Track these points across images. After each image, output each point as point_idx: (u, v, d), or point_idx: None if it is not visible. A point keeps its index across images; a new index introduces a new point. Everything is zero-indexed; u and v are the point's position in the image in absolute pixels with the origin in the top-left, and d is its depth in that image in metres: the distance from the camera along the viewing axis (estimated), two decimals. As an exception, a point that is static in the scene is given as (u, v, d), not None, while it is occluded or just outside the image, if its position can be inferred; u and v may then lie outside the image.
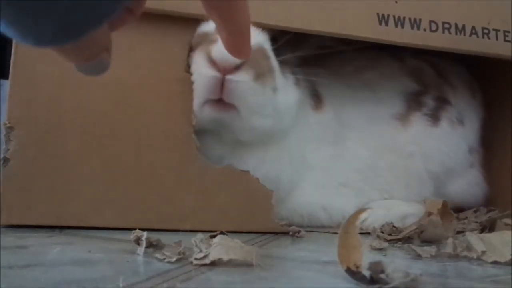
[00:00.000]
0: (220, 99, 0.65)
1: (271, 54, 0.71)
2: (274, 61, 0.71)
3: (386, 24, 0.73)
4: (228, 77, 0.63)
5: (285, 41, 0.74)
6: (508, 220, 0.72)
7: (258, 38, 0.69)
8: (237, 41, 0.46)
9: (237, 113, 0.66)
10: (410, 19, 0.74)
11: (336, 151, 0.84)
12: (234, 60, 0.63)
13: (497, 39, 0.78)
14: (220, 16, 0.42)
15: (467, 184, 0.92)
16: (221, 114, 0.66)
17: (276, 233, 0.69)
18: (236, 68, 0.64)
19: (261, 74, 0.67)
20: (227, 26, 0.44)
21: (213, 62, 0.64)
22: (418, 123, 0.89)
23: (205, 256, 0.48)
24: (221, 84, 0.64)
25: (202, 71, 0.65)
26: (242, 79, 0.64)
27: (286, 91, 0.73)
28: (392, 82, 0.91)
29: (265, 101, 0.68)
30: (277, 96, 0.70)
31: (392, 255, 0.60)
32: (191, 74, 0.67)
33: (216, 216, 0.67)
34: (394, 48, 0.78)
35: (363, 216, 0.75)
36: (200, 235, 0.52)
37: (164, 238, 0.54)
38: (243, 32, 0.44)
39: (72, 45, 0.33)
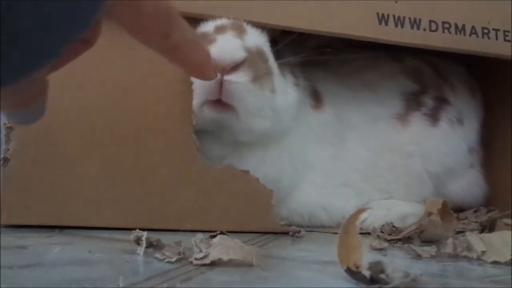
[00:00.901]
0: (219, 100, 0.65)
1: (270, 56, 0.71)
2: (273, 63, 0.71)
3: (386, 24, 0.73)
4: (226, 78, 0.63)
5: (285, 40, 0.74)
6: (508, 220, 0.72)
7: (257, 39, 0.69)
8: (197, 74, 0.49)
9: (235, 114, 0.66)
10: (410, 19, 0.74)
11: (336, 150, 0.84)
12: (231, 60, 0.63)
13: (497, 39, 0.78)
14: (172, 59, 0.44)
15: (467, 184, 0.92)
16: (219, 115, 0.66)
17: (276, 233, 0.69)
18: (234, 68, 0.64)
19: (259, 76, 0.67)
20: (183, 65, 0.46)
21: None
22: (418, 123, 0.89)
23: (205, 256, 0.48)
24: (220, 85, 0.64)
25: None
26: (240, 80, 0.64)
27: (285, 92, 0.73)
28: (392, 82, 0.91)
29: (263, 103, 0.68)
30: (275, 97, 0.70)
31: (392, 255, 0.60)
32: (190, 74, 0.67)
33: (216, 216, 0.67)
34: (394, 48, 0.78)
35: (363, 216, 0.75)
36: (200, 235, 0.52)
37: (164, 238, 0.54)
38: (200, 66, 0.46)
39: (5, 90, 0.29)
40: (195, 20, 0.68)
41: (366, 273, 0.42)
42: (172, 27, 0.39)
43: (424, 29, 0.75)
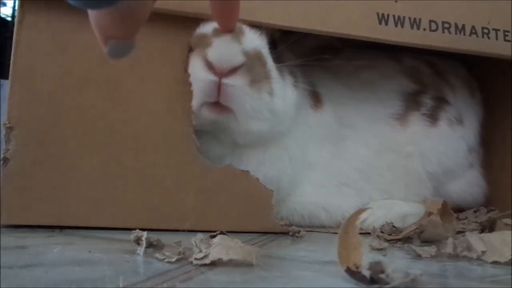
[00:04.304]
0: (217, 102, 0.65)
1: (268, 58, 0.71)
2: (271, 66, 0.71)
3: (386, 23, 0.73)
4: (224, 80, 0.63)
5: (284, 42, 0.74)
6: (508, 220, 0.72)
7: (256, 42, 0.69)
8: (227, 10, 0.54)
9: (233, 116, 0.66)
10: (410, 18, 0.74)
11: (336, 150, 0.84)
12: (230, 63, 0.63)
13: (497, 39, 0.78)
14: None
15: (467, 184, 0.92)
16: (218, 117, 0.66)
17: (276, 233, 0.69)
18: (232, 71, 0.64)
19: (257, 80, 0.66)
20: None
21: (209, 65, 0.63)
22: (416, 123, 0.89)
23: (205, 256, 0.48)
24: (218, 87, 0.64)
25: (198, 74, 0.65)
26: (238, 83, 0.64)
27: (283, 94, 0.73)
28: (391, 82, 0.91)
29: (261, 106, 0.68)
30: (274, 100, 0.70)
31: (392, 255, 0.60)
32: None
33: (216, 216, 0.67)
34: (394, 47, 0.78)
35: (363, 216, 0.76)
36: (200, 235, 0.52)
37: (164, 238, 0.54)
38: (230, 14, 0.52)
39: (117, 12, 0.39)
40: (195, 20, 0.68)
41: (366, 273, 0.42)
42: None
43: (424, 29, 0.75)
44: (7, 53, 0.67)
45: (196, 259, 0.48)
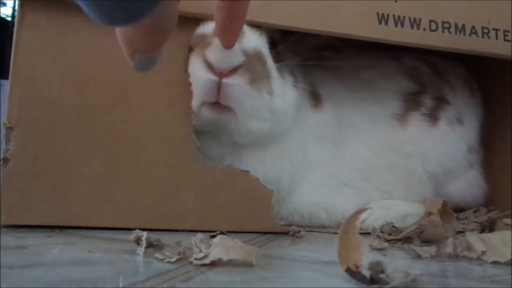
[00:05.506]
0: (217, 102, 0.65)
1: (268, 58, 0.71)
2: (271, 65, 0.71)
3: (386, 23, 0.73)
4: (224, 80, 0.63)
5: (284, 41, 0.74)
6: (508, 220, 0.72)
7: (255, 42, 0.69)
8: (231, 26, 0.51)
9: (233, 115, 0.66)
10: (410, 18, 0.74)
11: (336, 150, 0.84)
12: (229, 63, 0.63)
13: (497, 39, 0.78)
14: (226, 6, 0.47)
15: (467, 184, 0.92)
16: (218, 116, 0.66)
17: (276, 233, 0.69)
18: (232, 71, 0.64)
19: (257, 79, 0.67)
20: (226, 17, 0.48)
21: (209, 65, 0.64)
22: (416, 123, 0.89)
23: (205, 256, 0.48)
24: (218, 87, 0.64)
25: (198, 74, 0.65)
26: (238, 83, 0.64)
27: (283, 93, 0.73)
28: (391, 82, 0.91)
29: (261, 105, 0.68)
30: (274, 99, 0.70)
31: (392, 255, 0.60)
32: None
33: (216, 216, 0.67)
34: (394, 47, 0.78)
35: (363, 216, 0.76)
36: (200, 235, 0.52)
37: (164, 238, 0.54)
38: (240, 19, 0.49)
39: (145, 26, 0.39)
40: (195, 20, 0.68)
41: (366, 273, 0.42)
42: None
43: (424, 29, 0.75)
44: (7, 53, 0.67)
45: (196, 259, 0.48)
